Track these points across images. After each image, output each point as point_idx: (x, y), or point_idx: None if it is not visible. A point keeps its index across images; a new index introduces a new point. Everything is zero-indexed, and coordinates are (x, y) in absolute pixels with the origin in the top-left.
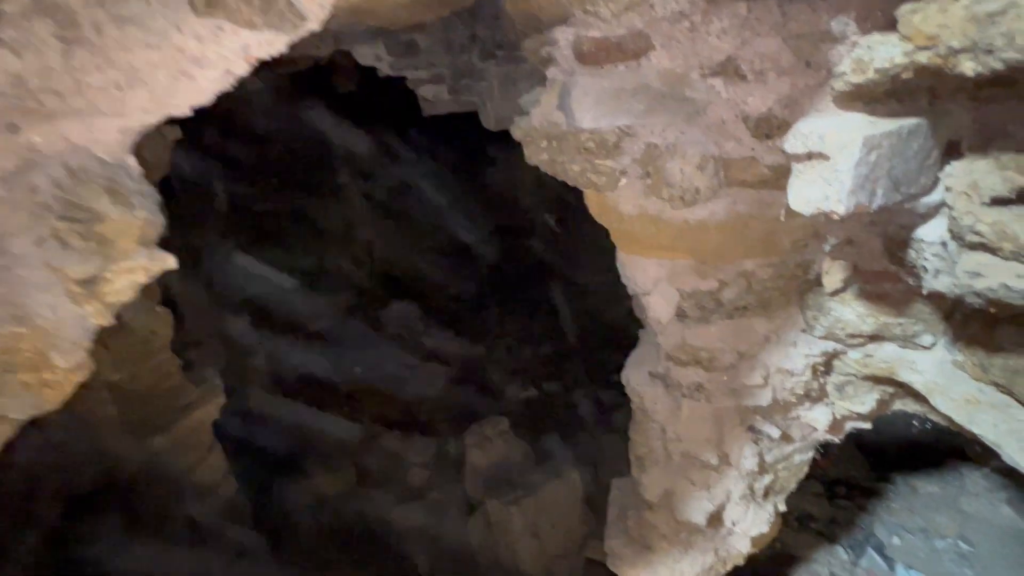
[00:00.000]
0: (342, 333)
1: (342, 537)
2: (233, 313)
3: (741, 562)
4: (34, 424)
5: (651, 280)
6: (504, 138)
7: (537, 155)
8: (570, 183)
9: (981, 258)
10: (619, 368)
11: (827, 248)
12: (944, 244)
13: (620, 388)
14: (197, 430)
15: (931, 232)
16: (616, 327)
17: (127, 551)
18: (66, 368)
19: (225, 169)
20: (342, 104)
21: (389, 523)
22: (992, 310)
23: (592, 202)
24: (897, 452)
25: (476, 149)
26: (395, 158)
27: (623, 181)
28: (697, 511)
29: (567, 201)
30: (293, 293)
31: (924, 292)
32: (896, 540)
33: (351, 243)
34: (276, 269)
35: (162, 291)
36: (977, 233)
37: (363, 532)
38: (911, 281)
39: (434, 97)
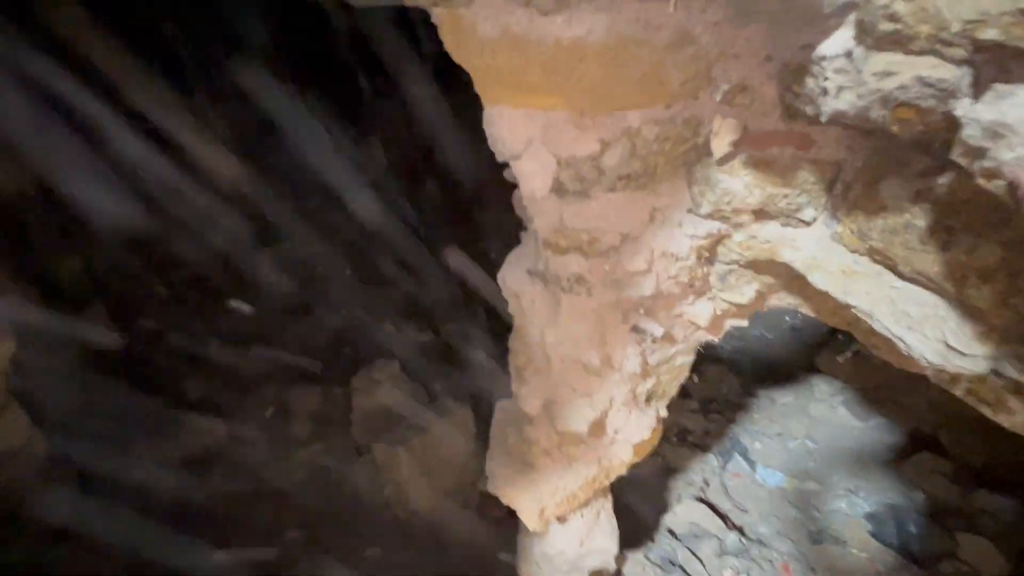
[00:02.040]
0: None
1: (209, 502)
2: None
3: (624, 472)
4: None
5: (522, 139)
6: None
7: None
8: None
9: (892, 57)
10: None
11: (718, 97)
12: (849, 54)
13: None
14: None
15: (834, 45)
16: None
17: None
18: None
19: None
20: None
21: (266, 480)
22: (894, 128)
23: (446, 29)
24: (761, 370)
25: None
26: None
27: None
28: (579, 420)
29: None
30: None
31: (822, 120)
32: (757, 445)
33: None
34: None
35: None
36: (892, 17)
37: (235, 493)
38: (809, 110)
39: None
